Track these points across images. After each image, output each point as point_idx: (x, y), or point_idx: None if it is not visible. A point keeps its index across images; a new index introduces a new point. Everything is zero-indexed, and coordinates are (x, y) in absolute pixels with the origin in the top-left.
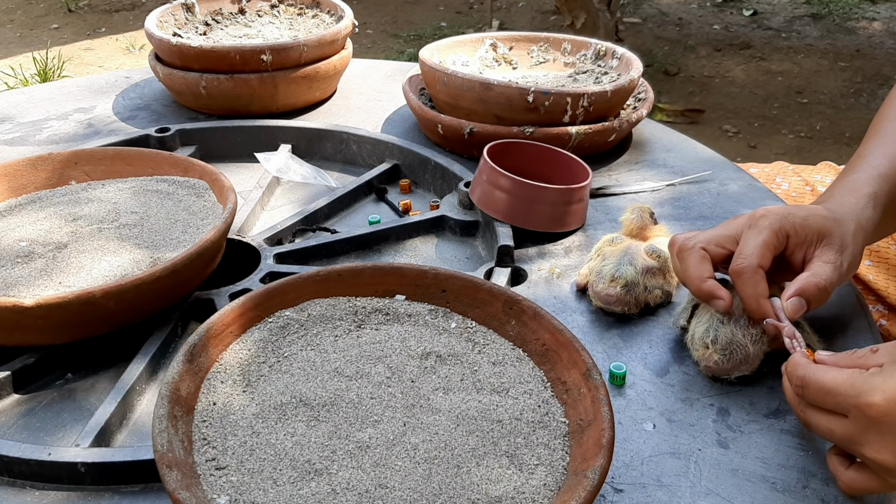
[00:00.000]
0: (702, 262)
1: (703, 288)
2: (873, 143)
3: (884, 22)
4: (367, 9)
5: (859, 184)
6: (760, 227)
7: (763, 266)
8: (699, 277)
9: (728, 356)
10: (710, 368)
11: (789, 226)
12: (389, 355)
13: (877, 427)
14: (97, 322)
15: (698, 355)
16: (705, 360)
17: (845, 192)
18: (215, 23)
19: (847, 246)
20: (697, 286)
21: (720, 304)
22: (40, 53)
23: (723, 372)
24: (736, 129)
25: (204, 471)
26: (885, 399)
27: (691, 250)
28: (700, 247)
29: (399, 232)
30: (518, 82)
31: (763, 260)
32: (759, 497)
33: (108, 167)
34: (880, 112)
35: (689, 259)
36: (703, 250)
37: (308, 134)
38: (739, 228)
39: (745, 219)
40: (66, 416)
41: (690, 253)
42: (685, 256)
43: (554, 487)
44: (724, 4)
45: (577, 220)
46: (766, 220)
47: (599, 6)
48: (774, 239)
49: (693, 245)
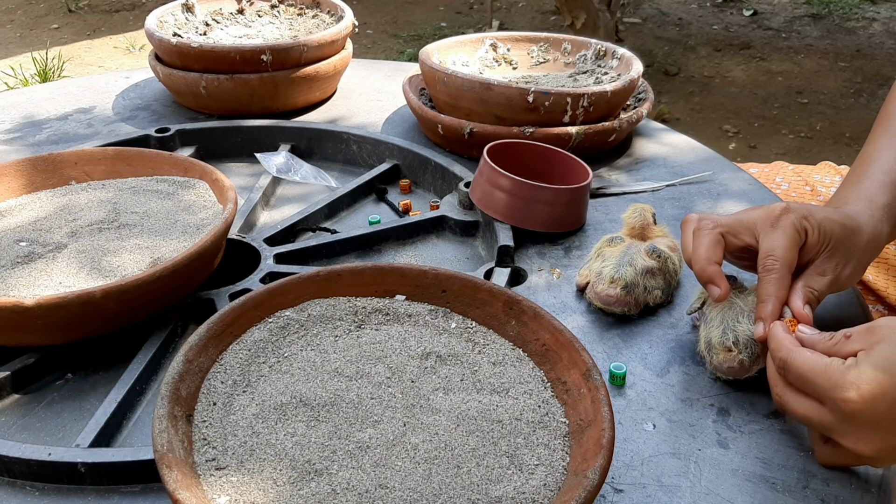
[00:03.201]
0: (716, 244)
1: (708, 270)
2: (882, 143)
3: (884, 22)
4: (367, 9)
5: (873, 192)
6: (784, 225)
7: (792, 268)
8: (707, 258)
9: (750, 354)
10: (734, 370)
11: (809, 225)
12: (389, 355)
13: (852, 420)
14: (97, 322)
15: (720, 359)
16: (729, 363)
17: (860, 202)
18: (215, 23)
19: (851, 258)
20: (703, 266)
21: (716, 292)
22: (40, 53)
23: (745, 371)
24: (736, 129)
25: (204, 471)
26: (860, 395)
27: (710, 231)
28: (719, 231)
29: (399, 232)
30: (518, 82)
31: (794, 262)
32: (759, 497)
33: (108, 167)
34: (885, 107)
35: (705, 239)
36: (720, 235)
37: (308, 134)
38: (755, 221)
39: (763, 212)
40: (66, 416)
41: (708, 234)
42: (701, 235)
43: (554, 487)
44: (724, 4)
45: (577, 220)
46: (788, 219)
47: (599, 6)
48: (798, 238)
49: (713, 227)
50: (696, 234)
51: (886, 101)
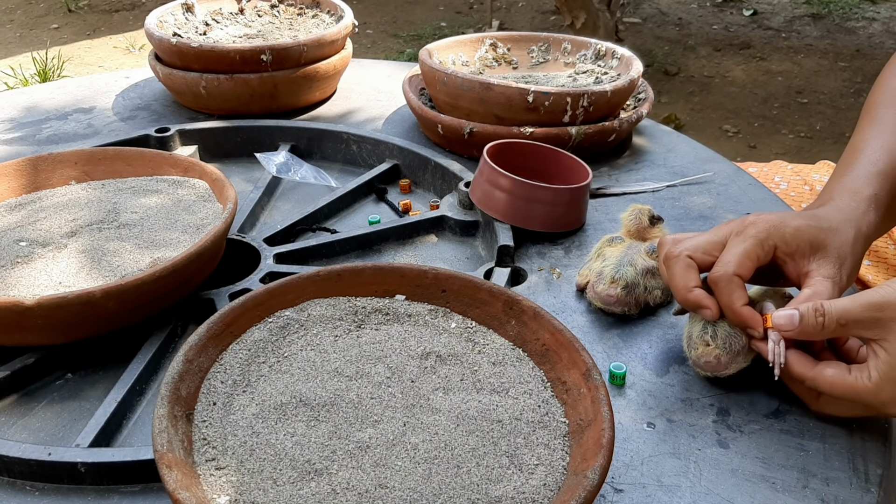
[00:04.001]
0: (687, 270)
1: (690, 298)
2: (869, 133)
3: (884, 22)
4: (367, 9)
5: (859, 184)
6: (746, 235)
7: (740, 274)
8: (685, 287)
9: (728, 350)
10: (711, 364)
11: (778, 236)
12: (389, 355)
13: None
14: (97, 322)
15: (698, 353)
16: (706, 357)
17: (845, 195)
18: (215, 23)
19: (846, 257)
20: (683, 296)
21: (707, 314)
22: (40, 53)
23: (722, 367)
24: (736, 129)
25: (204, 471)
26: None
27: (677, 258)
28: (686, 255)
29: (399, 232)
30: (518, 82)
31: (741, 269)
32: (759, 497)
33: (108, 167)
34: (872, 96)
35: (675, 268)
36: (688, 258)
37: (308, 134)
38: (727, 234)
39: (736, 224)
40: (66, 416)
41: (676, 261)
42: (671, 265)
43: (554, 487)
44: (724, 4)
45: (577, 220)
46: (753, 229)
47: (599, 6)
48: (759, 249)
49: (679, 253)
50: (666, 265)
51: (872, 90)
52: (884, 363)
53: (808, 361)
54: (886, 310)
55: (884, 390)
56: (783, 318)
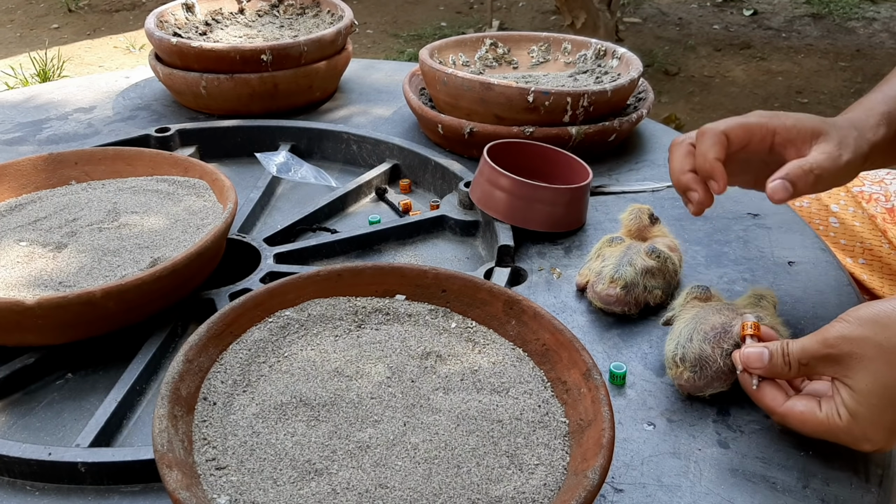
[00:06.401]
0: (686, 156)
1: (682, 180)
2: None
3: (884, 22)
4: (367, 9)
5: (874, 102)
6: (750, 113)
7: (728, 134)
8: (680, 170)
9: (699, 372)
10: (683, 387)
11: (778, 122)
12: (389, 355)
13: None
14: (97, 322)
15: (670, 373)
16: (677, 379)
17: (858, 109)
18: (215, 23)
19: (848, 144)
20: (676, 178)
21: (693, 196)
22: (40, 53)
23: (696, 390)
24: None
25: (204, 471)
26: (874, 443)
27: (679, 145)
28: (688, 142)
29: (399, 232)
30: (518, 82)
31: (731, 130)
32: (759, 497)
33: (108, 167)
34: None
35: (675, 152)
36: (690, 146)
37: (308, 134)
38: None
39: None
40: (66, 416)
41: (678, 147)
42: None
43: (554, 487)
44: (724, 4)
45: (577, 220)
46: (758, 111)
47: (599, 6)
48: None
49: (682, 140)
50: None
51: None
52: (850, 400)
53: (780, 393)
54: (839, 345)
55: (855, 427)
56: (753, 356)
